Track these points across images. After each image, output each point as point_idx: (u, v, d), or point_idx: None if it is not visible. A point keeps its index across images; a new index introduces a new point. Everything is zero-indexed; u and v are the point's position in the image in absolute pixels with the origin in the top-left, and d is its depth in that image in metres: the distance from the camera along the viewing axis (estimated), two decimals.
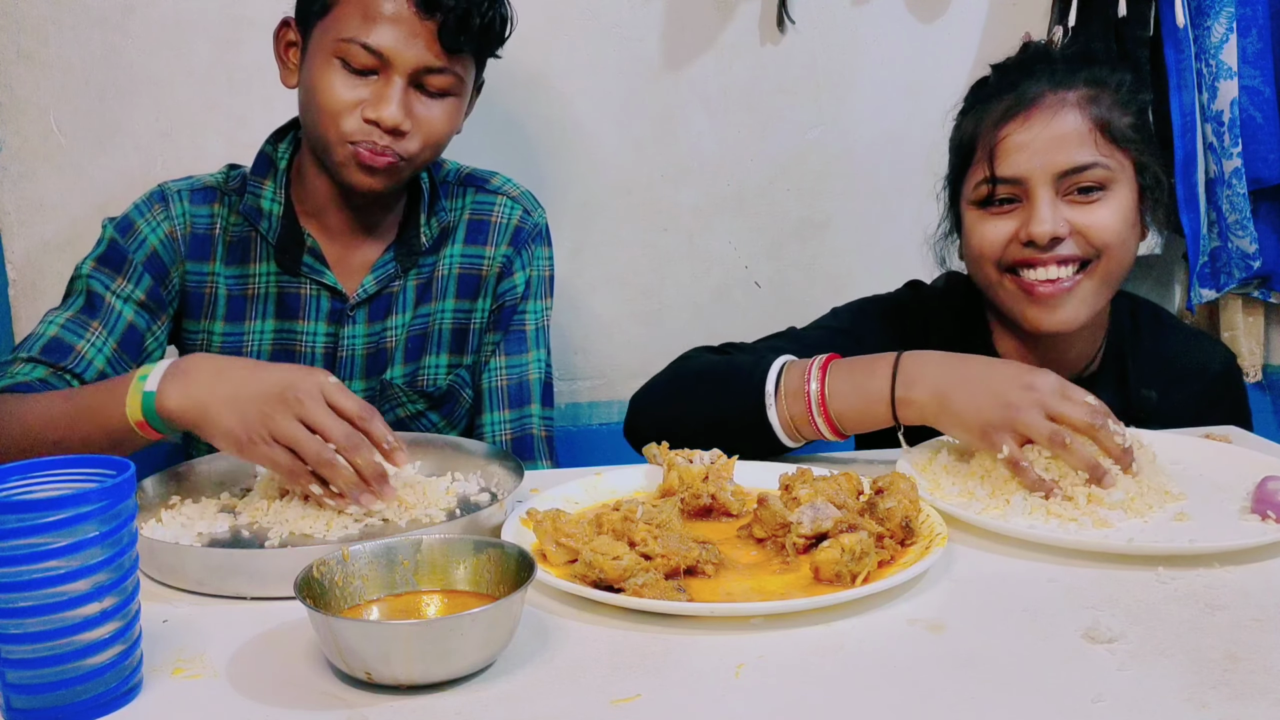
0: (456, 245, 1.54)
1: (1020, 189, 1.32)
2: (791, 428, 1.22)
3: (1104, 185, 1.30)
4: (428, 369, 1.54)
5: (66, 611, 0.75)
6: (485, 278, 1.54)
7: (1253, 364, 2.14)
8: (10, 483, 0.80)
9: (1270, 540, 1.01)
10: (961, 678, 0.80)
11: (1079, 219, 1.30)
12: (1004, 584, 0.97)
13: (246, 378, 1.09)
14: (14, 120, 1.85)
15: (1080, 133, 1.30)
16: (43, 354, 1.33)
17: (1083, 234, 1.30)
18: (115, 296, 1.39)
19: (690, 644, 0.86)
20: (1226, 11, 1.91)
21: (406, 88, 1.35)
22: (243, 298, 1.47)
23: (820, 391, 1.20)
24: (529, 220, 1.56)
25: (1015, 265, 1.33)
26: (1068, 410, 1.10)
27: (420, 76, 1.36)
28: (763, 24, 2.01)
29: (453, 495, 1.16)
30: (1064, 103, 1.31)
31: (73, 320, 1.37)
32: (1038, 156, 1.30)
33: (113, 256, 1.41)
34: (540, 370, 1.57)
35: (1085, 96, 1.31)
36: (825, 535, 0.98)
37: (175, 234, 1.44)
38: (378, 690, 0.79)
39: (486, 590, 0.88)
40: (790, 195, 2.08)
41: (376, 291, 1.49)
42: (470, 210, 1.55)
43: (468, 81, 1.42)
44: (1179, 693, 0.78)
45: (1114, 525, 1.05)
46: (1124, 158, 1.32)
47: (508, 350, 1.55)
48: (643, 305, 2.09)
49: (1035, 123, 1.31)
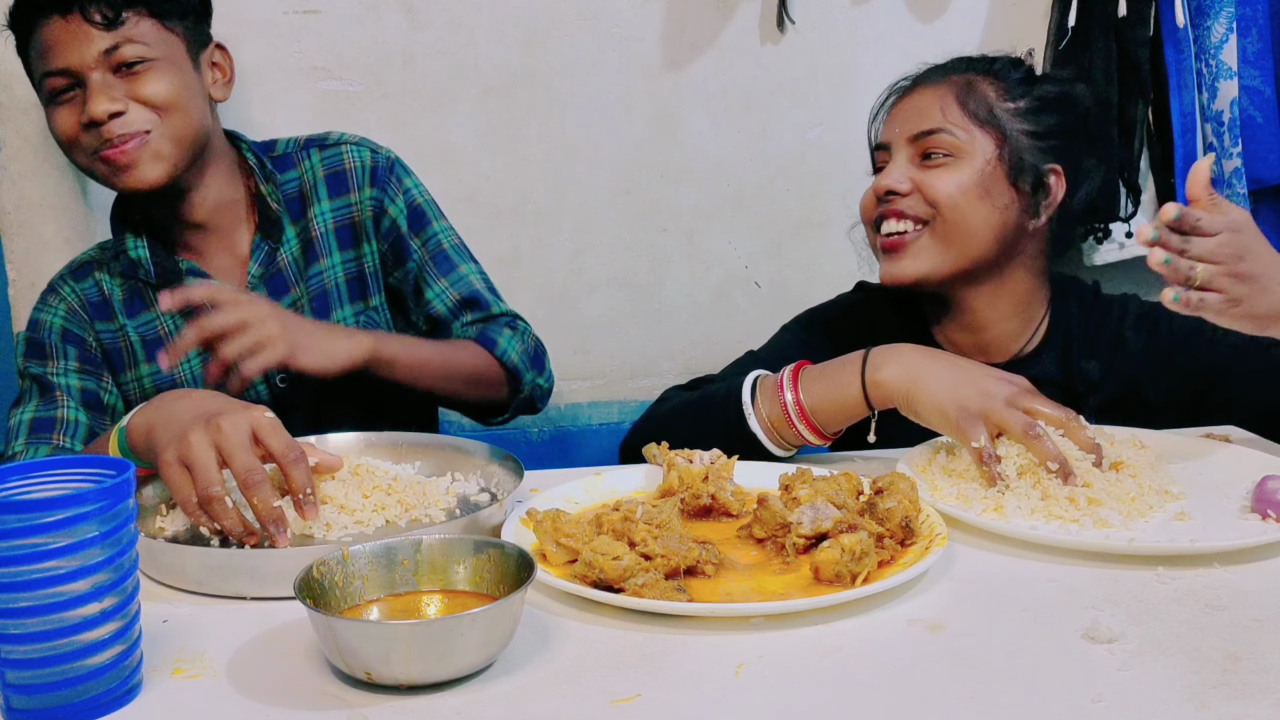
0: (323, 202, 1.56)
1: (887, 155, 1.44)
2: (774, 433, 1.26)
3: (952, 153, 1.39)
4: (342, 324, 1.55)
5: (66, 611, 0.75)
6: (360, 222, 1.57)
7: None
8: (10, 483, 0.80)
9: (1270, 540, 1.01)
10: (961, 678, 0.80)
11: (920, 178, 1.40)
12: (1004, 584, 0.97)
13: (190, 405, 1.10)
14: (14, 120, 1.85)
15: (939, 106, 1.41)
16: (33, 437, 1.41)
17: (921, 191, 1.39)
18: (55, 374, 1.47)
19: (690, 644, 0.86)
20: (1226, 11, 1.91)
21: (104, 79, 1.38)
22: (156, 339, 1.52)
23: (794, 396, 1.25)
24: (380, 158, 1.58)
25: (875, 221, 1.44)
26: (1040, 404, 1.15)
27: (106, 65, 1.39)
28: (763, 24, 2.01)
29: (453, 495, 1.16)
30: (937, 86, 1.44)
31: (40, 405, 1.45)
32: (898, 124, 1.44)
33: (34, 350, 1.50)
34: (481, 278, 1.60)
35: (958, 81, 1.43)
36: (825, 535, 0.98)
37: (74, 307, 1.52)
38: (378, 690, 0.79)
39: (486, 590, 0.88)
40: (790, 195, 2.08)
41: (262, 273, 1.52)
42: (323, 166, 1.58)
43: (166, 46, 1.43)
44: (1179, 693, 0.78)
45: (1114, 525, 1.05)
46: (982, 133, 1.39)
47: (442, 272, 1.57)
48: (643, 305, 2.09)
49: (910, 98, 1.45)
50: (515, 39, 1.96)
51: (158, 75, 1.41)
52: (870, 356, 1.24)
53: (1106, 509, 1.06)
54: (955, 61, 1.48)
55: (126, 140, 1.39)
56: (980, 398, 1.15)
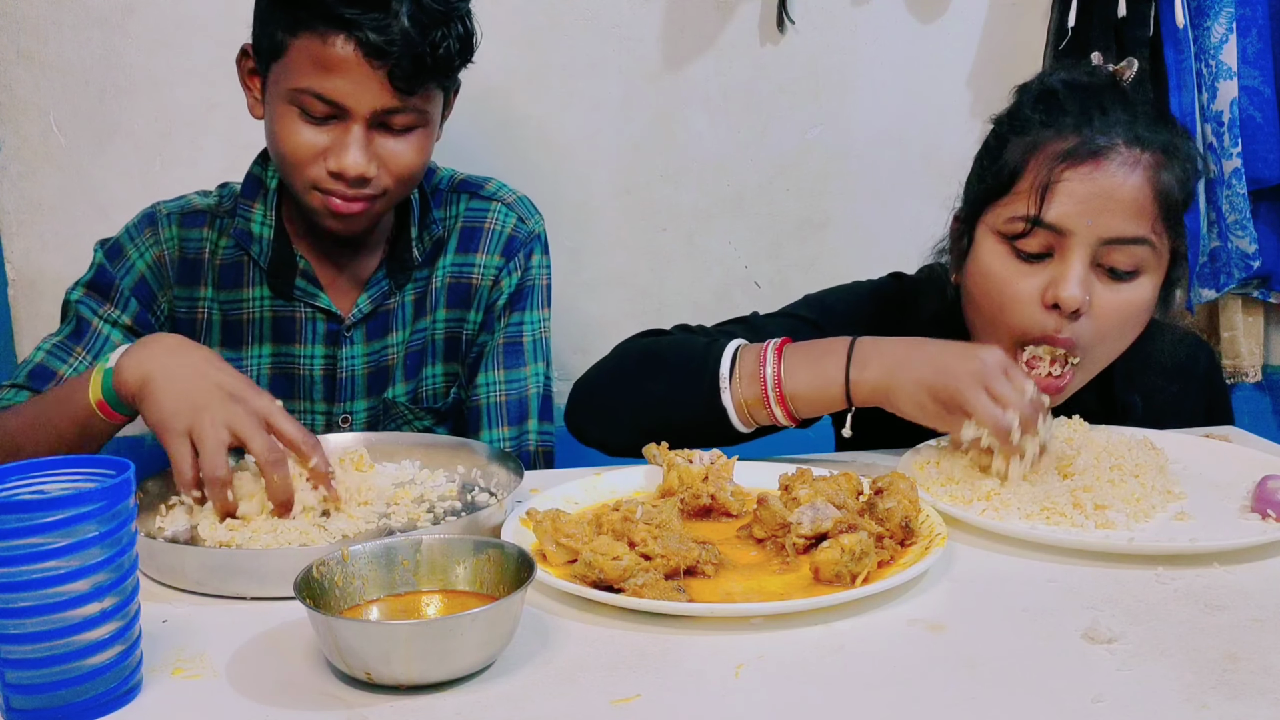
0: (449, 255, 1.49)
1: (1057, 241, 1.19)
2: (745, 411, 1.20)
3: (1139, 269, 1.20)
4: (427, 381, 1.50)
5: (66, 611, 0.74)
6: (476, 287, 1.49)
7: (1252, 364, 2.14)
8: (10, 483, 0.80)
9: (1270, 540, 1.01)
10: (961, 678, 0.80)
11: (1097, 297, 1.19)
12: (1004, 584, 0.97)
13: (201, 366, 1.08)
14: (14, 120, 1.85)
15: (1138, 200, 1.17)
16: (28, 380, 1.35)
17: (1090, 314, 1.19)
18: (102, 321, 1.38)
19: (690, 644, 0.86)
20: (1226, 12, 1.91)
21: (367, 131, 1.30)
22: (238, 323, 1.44)
23: (776, 374, 1.18)
24: (523, 229, 1.51)
25: (1034, 341, 1.21)
26: (1004, 391, 1.08)
27: (381, 118, 1.30)
28: (762, 24, 2.01)
29: (453, 494, 1.16)
30: (1137, 163, 1.18)
31: (58, 346, 1.37)
32: (1091, 212, 1.17)
33: (100, 282, 1.40)
34: (539, 384, 1.51)
35: (1157, 162, 1.19)
36: (825, 535, 0.98)
37: (164, 258, 1.42)
38: (378, 690, 0.79)
39: (486, 590, 0.88)
40: (790, 195, 2.08)
41: (371, 311, 1.45)
42: (464, 218, 1.50)
43: (434, 109, 1.36)
44: (1179, 693, 0.78)
45: (1114, 525, 1.05)
46: (1167, 242, 1.21)
47: (506, 364, 1.49)
48: (642, 305, 2.09)
49: (1101, 175, 1.17)
50: (515, 39, 1.96)
51: (415, 145, 1.34)
52: (855, 351, 1.16)
53: (1114, 511, 1.06)
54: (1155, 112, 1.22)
55: (356, 201, 1.32)
56: (945, 379, 1.10)
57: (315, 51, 1.26)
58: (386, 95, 1.28)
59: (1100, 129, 1.19)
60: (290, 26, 1.28)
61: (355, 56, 1.25)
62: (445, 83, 1.36)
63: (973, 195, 1.29)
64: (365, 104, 1.28)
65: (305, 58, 1.27)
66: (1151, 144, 1.19)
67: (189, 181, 1.57)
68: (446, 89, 1.39)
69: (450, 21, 1.30)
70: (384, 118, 1.30)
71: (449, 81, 1.38)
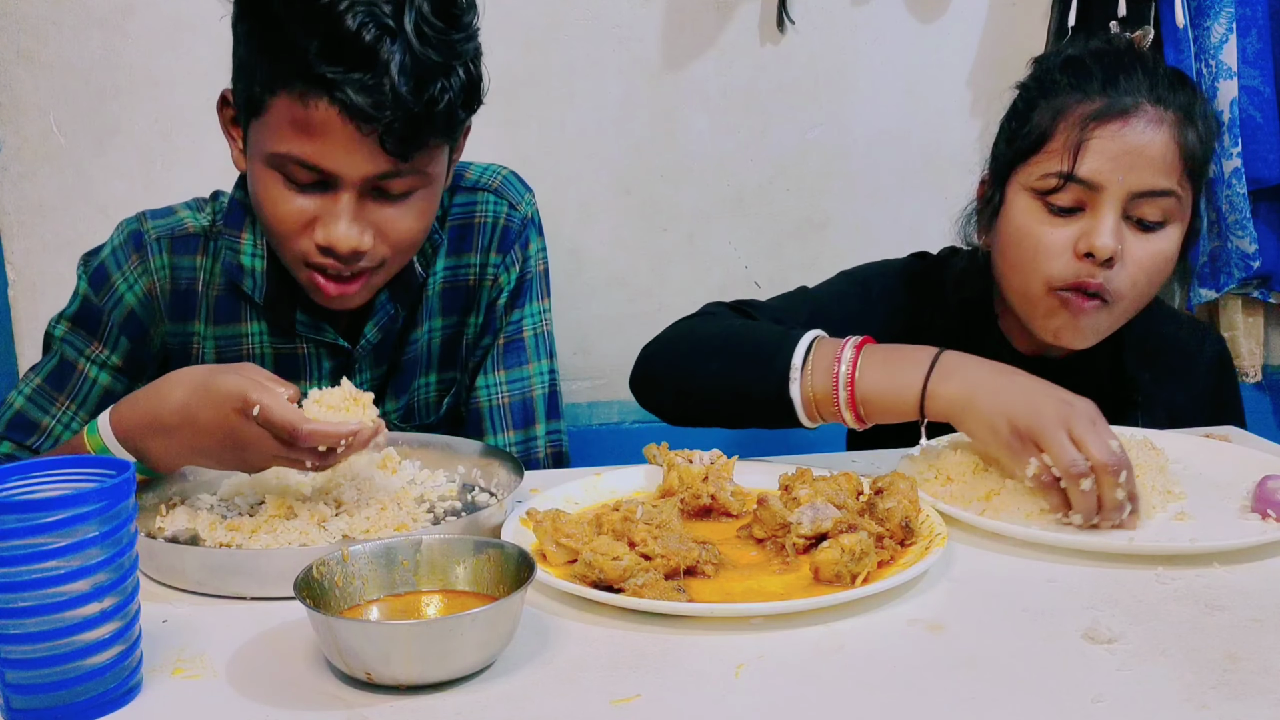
0: (441, 259, 1.37)
1: (1089, 195, 1.25)
2: (813, 406, 1.17)
3: (1165, 221, 1.26)
4: (419, 392, 1.41)
5: (66, 611, 0.74)
6: (474, 288, 1.39)
7: (1253, 364, 2.14)
8: (10, 483, 0.80)
9: (1270, 540, 1.01)
10: (961, 678, 0.80)
11: (1129, 247, 1.26)
12: (1004, 584, 0.97)
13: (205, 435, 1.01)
14: (14, 120, 1.85)
15: (1164, 155, 1.24)
16: (8, 430, 1.29)
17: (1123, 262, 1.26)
18: (89, 362, 1.30)
19: (690, 644, 0.86)
20: (1226, 12, 1.91)
21: (360, 199, 1.16)
22: (236, 359, 1.32)
23: (850, 372, 1.15)
24: (515, 216, 1.39)
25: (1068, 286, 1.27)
26: (1090, 440, 1.03)
27: (375, 183, 1.16)
28: (762, 24, 2.01)
29: (453, 494, 1.16)
30: (1161, 121, 1.25)
31: (39, 392, 1.30)
32: (1121, 169, 1.24)
33: (86, 315, 1.30)
34: (544, 383, 1.43)
35: (1179, 120, 1.26)
36: (825, 535, 0.98)
37: (154, 290, 1.31)
38: (378, 690, 0.79)
39: (486, 590, 0.88)
40: (790, 195, 2.08)
41: (380, 339, 1.35)
42: (452, 216, 1.38)
43: (437, 167, 1.22)
44: (1179, 693, 0.78)
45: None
46: (1190, 195, 1.27)
47: (507, 364, 1.40)
48: (643, 305, 2.09)
49: (1129, 132, 1.24)
50: (515, 39, 1.96)
51: (416, 210, 1.20)
52: (940, 361, 1.13)
53: None
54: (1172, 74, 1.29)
55: (351, 278, 1.20)
56: (1030, 415, 1.05)
57: (296, 114, 1.12)
58: (379, 160, 1.14)
59: (1125, 89, 1.26)
60: (268, 83, 1.13)
61: (339, 121, 1.10)
62: (449, 140, 1.22)
63: (1002, 157, 1.35)
64: (356, 171, 1.14)
65: (285, 120, 1.13)
66: (1172, 103, 1.26)
67: (189, 181, 1.58)
68: (453, 141, 1.25)
69: (450, 73, 1.14)
70: (379, 183, 1.17)
71: (453, 137, 1.23)
